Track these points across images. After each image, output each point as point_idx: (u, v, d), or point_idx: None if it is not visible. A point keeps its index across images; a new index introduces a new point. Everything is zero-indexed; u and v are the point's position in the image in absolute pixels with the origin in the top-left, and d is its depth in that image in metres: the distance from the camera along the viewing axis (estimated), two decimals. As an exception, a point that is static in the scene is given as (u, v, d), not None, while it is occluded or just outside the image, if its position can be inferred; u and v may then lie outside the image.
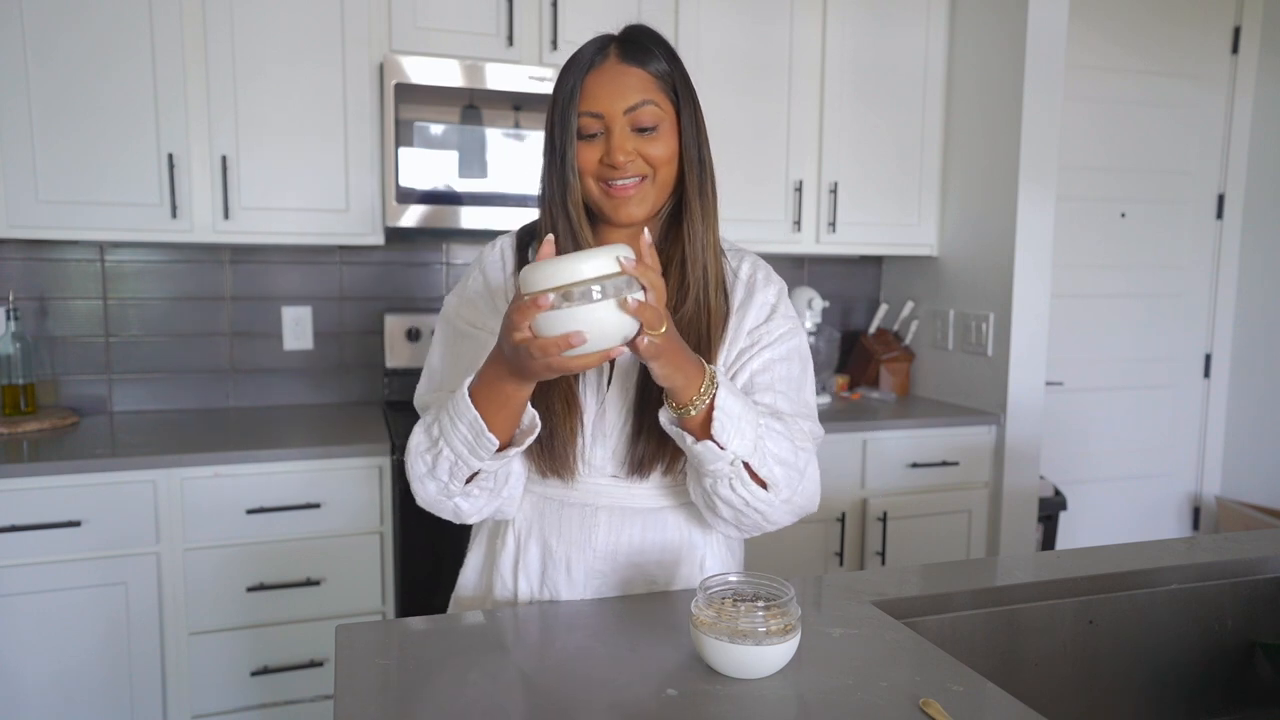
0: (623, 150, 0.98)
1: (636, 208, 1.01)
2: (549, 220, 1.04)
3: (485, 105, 2.17)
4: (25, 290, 2.28)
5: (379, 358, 2.55)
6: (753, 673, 0.85)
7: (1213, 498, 3.40)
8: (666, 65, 1.02)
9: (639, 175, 1.00)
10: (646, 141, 1.00)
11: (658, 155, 1.00)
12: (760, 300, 1.10)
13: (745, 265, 1.13)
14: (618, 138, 0.98)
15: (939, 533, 2.53)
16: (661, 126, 1.00)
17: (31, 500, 1.79)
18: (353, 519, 2.00)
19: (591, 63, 1.00)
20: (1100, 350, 3.19)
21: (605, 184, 1.01)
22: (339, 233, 2.20)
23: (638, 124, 0.99)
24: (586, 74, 1.00)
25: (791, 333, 1.10)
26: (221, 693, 1.95)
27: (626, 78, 0.99)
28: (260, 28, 2.08)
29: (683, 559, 1.11)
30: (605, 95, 0.99)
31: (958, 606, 1.10)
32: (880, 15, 2.59)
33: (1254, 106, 3.24)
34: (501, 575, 1.12)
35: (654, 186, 1.02)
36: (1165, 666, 1.20)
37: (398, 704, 0.80)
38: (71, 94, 1.97)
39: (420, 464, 0.99)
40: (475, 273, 1.13)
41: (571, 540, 1.08)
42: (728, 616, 0.85)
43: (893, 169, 2.67)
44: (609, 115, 0.99)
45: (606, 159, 0.99)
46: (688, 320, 1.04)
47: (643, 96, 0.99)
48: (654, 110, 1.00)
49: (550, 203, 1.03)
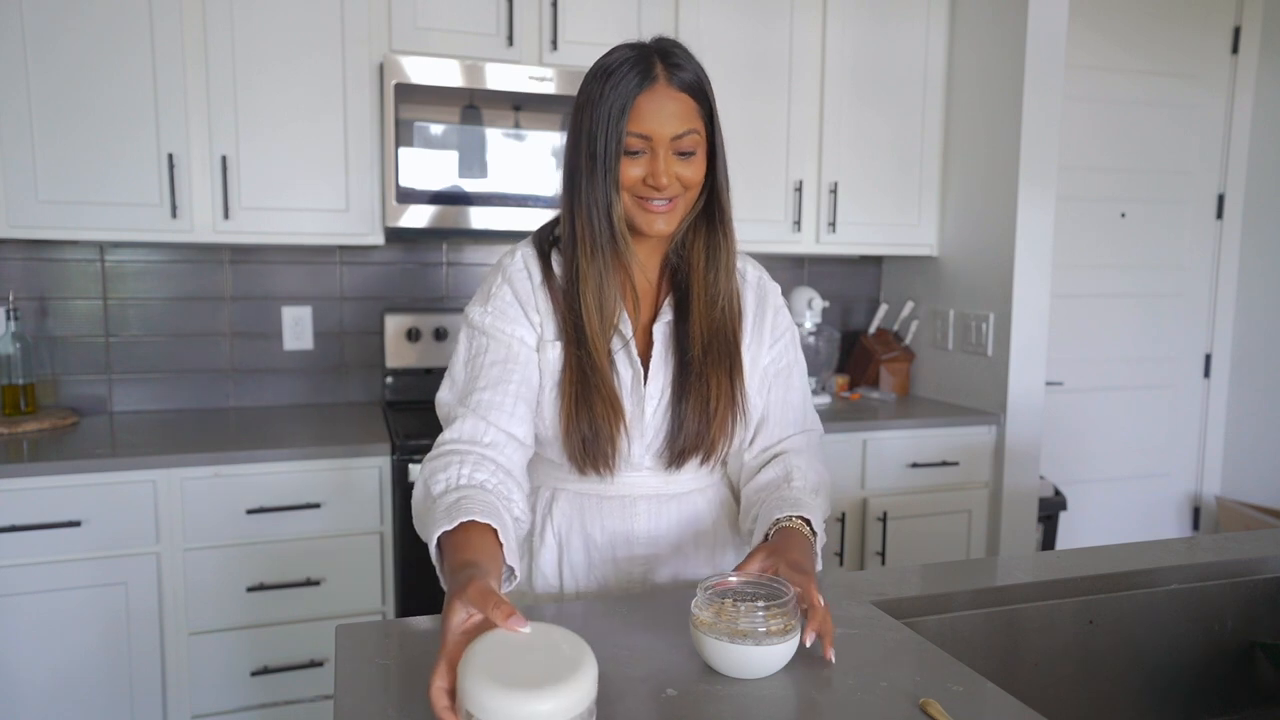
0: (667, 174, 1.04)
1: (667, 223, 1.08)
2: (589, 231, 1.06)
3: (485, 105, 2.17)
4: (25, 290, 2.28)
5: (379, 358, 2.55)
6: (752, 673, 0.85)
7: (1213, 498, 3.40)
8: (704, 87, 1.08)
9: (674, 197, 1.07)
10: (684, 165, 1.06)
11: (691, 178, 1.07)
12: (773, 303, 1.22)
13: (750, 268, 1.22)
14: (663, 161, 1.04)
15: (939, 533, 2.53)
16: (698, 151, 1.07)
17: (31, 500, 1.79)
18: (353, 519, 2.00)
19: (641, 84, 1.03)
20: (1100, 350, 3.19)
21: (642, 200, 1.06)
22: (339, 233, 2.20)
23: (679, 149, 1.05)
24: (638, 94, 1.03)
25: (795, 339, 1.24)
26: (221, 693, 1.95)
27: (675, 104, 1.04)
28: (260, 27, 2.08)
29: (718, 538, 1.20)
30: (656, 120, 1.03)
31: (958, 606, 1.10)
32: (880, 15, 2.59)
33: (1254, 106, 3.24)
34: (544, 573, 1.17)
35: (684, 204, 1.09)
36: (1165, 666, 1.20)
37: (398, 704, 0.80)
38: (71, 94, 1.97)
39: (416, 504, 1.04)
40: (501, 284, 1.13)
41: (615, 530, 1.15)
42: (727, 616, 0.85)
43: (893, 169, 2.67)
44: (656, 139, 1.04)
45: (650, 180, 1.05)
46: (718, 326, 1.13)
47: (688, 125, 1.05)
48: (694, 138, 1.06)
49: (590, 214, 1.06)
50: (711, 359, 1.11)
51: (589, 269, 1.07)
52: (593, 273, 1.07)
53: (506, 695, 0.62)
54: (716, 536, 1.20)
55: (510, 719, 0.62)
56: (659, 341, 1.14)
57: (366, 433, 2.12)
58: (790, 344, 1.22)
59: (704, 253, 1.13)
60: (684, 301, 1.14)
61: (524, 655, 0.66)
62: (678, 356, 1.12)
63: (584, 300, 1.08)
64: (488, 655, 0.66)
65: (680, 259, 1.15)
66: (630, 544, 1.15)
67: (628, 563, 1.16)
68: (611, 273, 1.08)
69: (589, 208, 1.06)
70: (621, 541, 1.15)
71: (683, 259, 1.15)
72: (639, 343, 1.14)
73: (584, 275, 1.08)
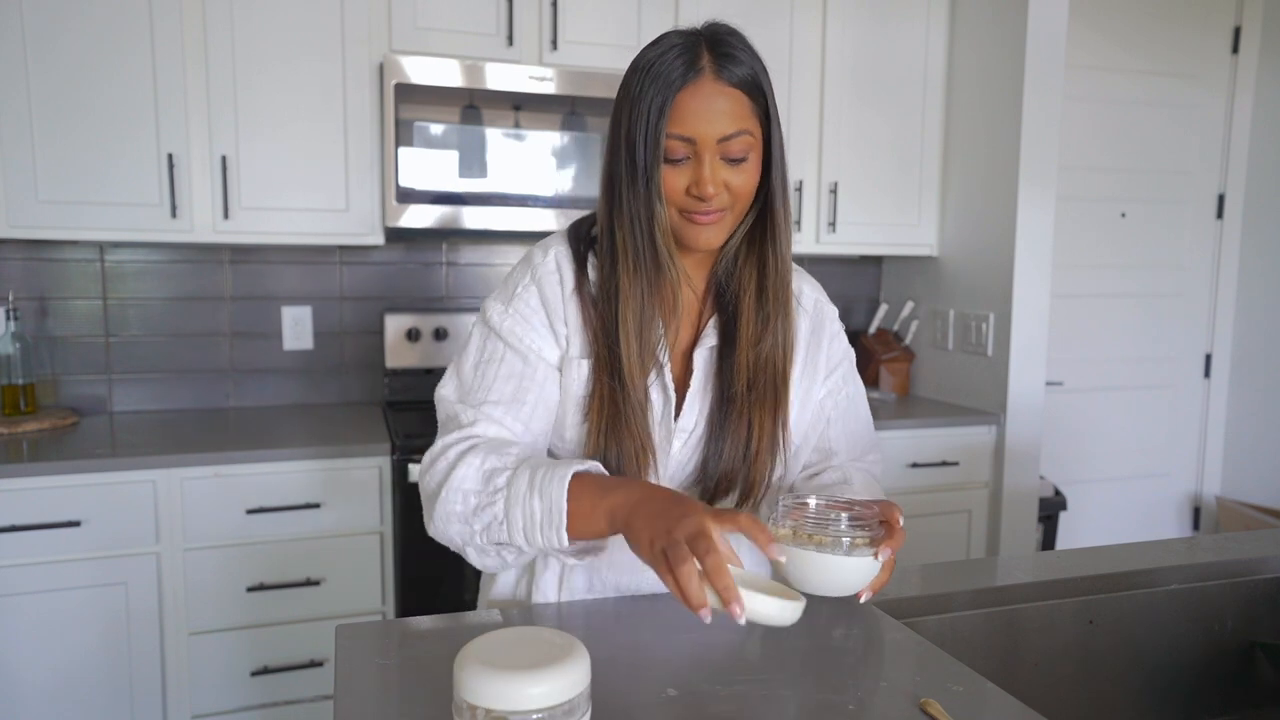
0: (714, 182, 0.92)
1: (715, 236, 0.96)
2: (632, 246, 0.95)
3: (485, 105, 2.17)
4: (25, 290, 2.28)
5: (379, 358, 2.55)
6: (832, 586, 0.83)
7: (1213, 498, 3.40)
8: (761, 82, 0.94)
9: (721, 208, 0.95)
10: (734, 172, 0.93)
11: (741, 187, 0.94)
12: (829, 330, 1.11)
13: (806, 289, 1.11)
14: (709, 168, 0.92)
15: (939, 533, 2.53)
16: (750, 156, 0.94)
17: (31, 500, 1.79)
18: (353, 519, 2.00)
19: (685, 78, 0.90)
20: (1100, 350, 3.19)
21: (687, 212, 0.95)
22: (339, 233, 2.20)
23: (728, 154, 0.92)
24: (679, 91, 0.90)
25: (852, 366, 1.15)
26: (221, 693, 1.95)
27: (722, 100, 0.91)
28: (260, 27, 2.08)
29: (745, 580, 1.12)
30: (700, 120, 0.90)
31: (958, 606, 1.10)
32: (880, 15, 2.59)
33: (1254, 106, 3.24)
34: (544, 592, 1.06)
35: (732, 216, 0.97)
36: (1165, 666, 1.19)
37: (398, 704, 0.80)
38: (71, 94, 1.97)
39: (459, 503, 0.91)
40: (529, 284, 1.01)
41: (621, 569, 1.05)
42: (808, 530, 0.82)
43: (893, 169, 2.67)
44: (701, 142, 0.91)
45: (695, 189, 0.92)
46: (766, 358, 1.01)
47: (738, 126, 0.91)
48: (747, 140, 0.93)
49: (633, 228, 0.95)
50: (756, 395, 1.00)
51: (631, 289, 0.95)
52: (634, 293, 0.95)
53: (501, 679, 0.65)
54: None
55: (505, 701, 0.65)
56: (699, 370, 1.02)
57: (366, 433, 2.12)
58: (848, 373, 1.12)
59: (755, 272, 1.00)
60: (730, 326, 1.01)
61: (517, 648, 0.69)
62: (718, 390, 1.01)
63: (623, 326, 0.96)
64: (481, 648, 0.69)
65: (729, 276, 1.02)
66: (635, 582, 1.05)
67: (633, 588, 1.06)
68: (654, 294, 0.96)
69: (631, 220, 0.94)
70: (627, 578, 1.05)
71: (731, 277, 1.02)
72: (676, 368, 1.02)
73: (625, 296, 0.95)
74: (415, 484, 2.00)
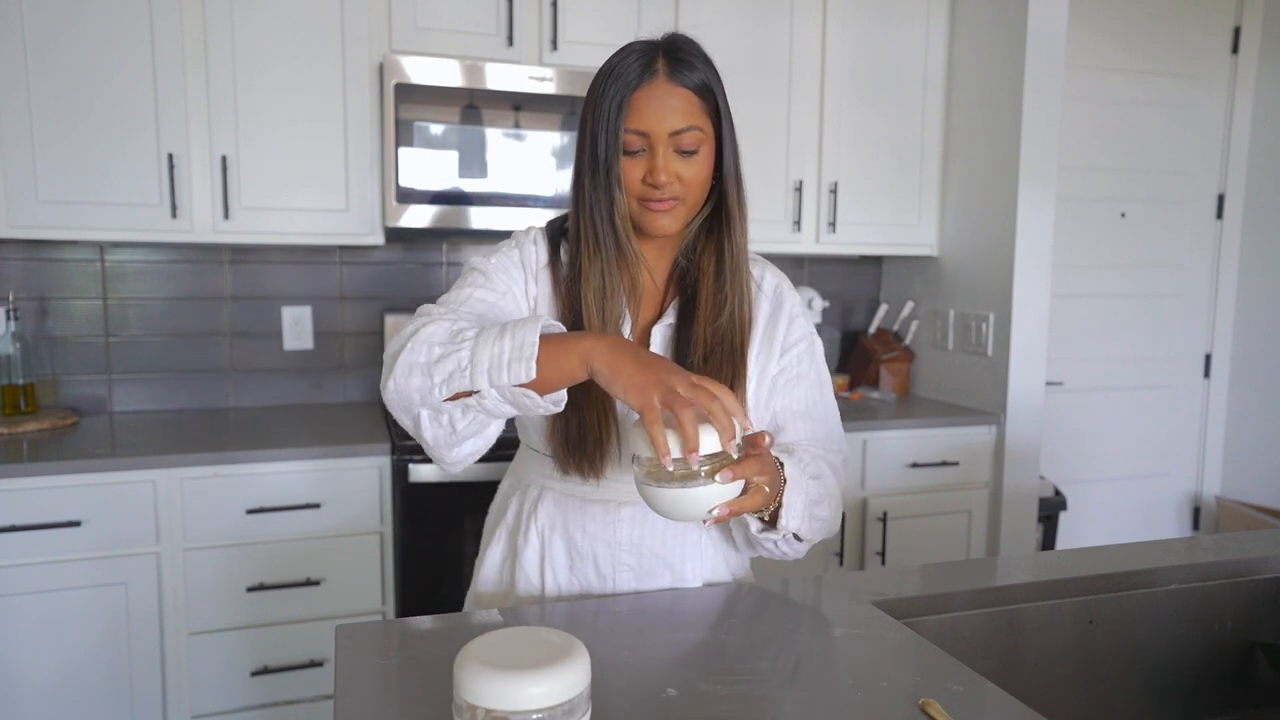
0: (665, 171, 1.01)
1: (670, 223, 1.05)
2: (592, 230, 1.05)
3: (485, 105, 2.17)
4: (25, 290, 2.28)
5: (379, 358, 2.55)
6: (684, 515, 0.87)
7: (1213, 498, 3.40)
8: (710, 83, 1.04)
9: (674, 197, 1.04)
10: (685, 164, 1.03)
11: (693, 178, 1.04)
12: (788, 312, 1.17)
13: (768, 275, 1.19)
14: (662, 159, 1.01)
15: (939, 533, 2.53)
16: (701, 149, 1.04)
17: (31, 500, 1.79)
18: (353, 519, 2.00)
19: (640, 79, 1.01)
20: (1100, 350, 3.19)
21: (644, 200, 1.04)
22: (339, 233, 2.20)
23: (680, 147, 1.02)
24: (635, 90, 1.01)
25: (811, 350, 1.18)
26: (221, 693, 1.95)
27: (674, 98, 1.01)
28: (260, 27, 2.08)
29: (705, 549, 1.15)
30: (652, 115, 1.01)
31: (958, 606, 1.10)
32: (880, 15, 2.59)
33: (1254, 106, 3.24)
34: (525, 572, 1.14)
35: (685, 205, 1.05)
36: (1165, 666, 1.20)
37: (398, 704, 0.80)
38: (71, 94, 1.97)
39: (423, 353, 0.91)
40: (512, 247, 1.12)
41: (596, 535, 1.12)
42: None
43: (893, 169, 2.67)
44: (654, 135, 1.01)
45: (649, 178, 1.02)
46: (723, 334, 1.09)
47: (688, 121, 1.02)
48: (696, 135, 1.02)
49: (594, 214, 1.05)
50: (712, 367, 1.08)
51: (591, 267, 1.06)
52: (595, 271, 1.06)
53: (501, 679, 0.65)
54: (710, 550, 1.15)
55: (505, 701, 0.65)
56: (657, 345, 1.11)
57: (366, 433, 2.12)
58: (805, 354, 1.17)
59: (714, 259, 1.09)
60: (689, 306, 1.10)
61: (516, 648, 0.69)
62: (677, 362, 1.08)
63: (585, 299, 1.06)
64: (481, 648, 0.69)
65: (690, 262, 1.12)
66: (613, 550, 1.12)
67: (610, 568, 1.12)
68: (615, 273, 1.06)
69: (593, 207, 1.04)
70: (604, 547, 1.12)
71: (692, 263, 1.12)
72: None
73: (586, 274, 1.06)
74: (416, 484, 2.01)
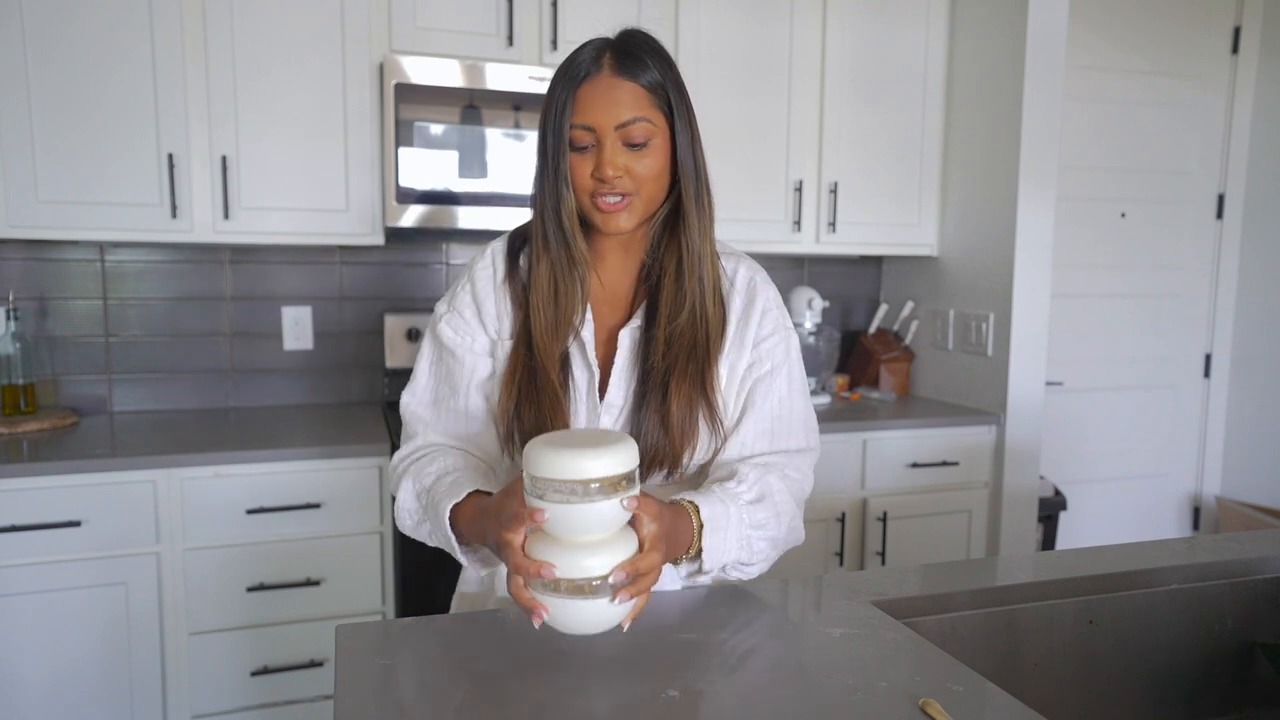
0: (612, 165, 0.99)
1: (624, 221, 1.03)
2: (541, 228, 1.04)
3: (485, 105, 2.17)
4: (25, 290, 2.28)
5: (379, 358, 2.55)
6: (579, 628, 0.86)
7: (1213, 498, 3.40)
8: (660, 77, 1.02)
9: (624, 193, 1.01)
10: (636, 157, 1.00)
11: (644, 173, 1.01)
12: (760, 306, 1.12)
13: (742, 270, 1.14)
14: (608, 152, 0.99)
15: (939, 533, 2.53)
16: (652, 142, 1.01)
17: (31, 500, 1.79)
18: (353, 519, 2.00)
19: (586, 74, 1.00)
20: (1100, 350, 3.19)
21: (594, 197, 1.01)
22: (339, 233, 2.20)
23: (628, 140, 1.00)
24: (580, 85, 1.00)
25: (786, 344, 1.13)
26: (221, 693, 1.95)
27: (619, 91, 0.99)
28: (260, 28, 2.08)
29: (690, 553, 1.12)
30: (597, 109, 0.99)
31: (958, 606, 1.10)
32: (880, 15, 2.59)
33: (1254, 106, 3.24)
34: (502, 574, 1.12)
35: (640, 201, 1.03)
36: (1165, 666, 1.19)
37: (398, 704, 0.80)
38: (71, 94, 1.97)
39: (408, 519, 1.07)
40: (465, 284, 1.13)
41: None
42: None
43: (893, 169, 2.67)
44: (600, 129, 0.99)
45: (596, 172, 1.00)
46: (682, 331, 1.06)
47: (635, 113, 0.99)
48: (645, 127, 1.00)
49: (543, 211, 1.04)
50: (677, 369, 1.04)
51: (540, 265, 1.05)
52: (543, 271, 1.05)
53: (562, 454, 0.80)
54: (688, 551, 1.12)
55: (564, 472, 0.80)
56: (624, 349, 1.08)
57: (366, 433, 2.12)
58: (776, 347, 1.11)
59: (675, 256, 1.07)
60: (653, 307, 1.08)
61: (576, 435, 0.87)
62: (643, 365, 1.06)
63: (533, 304, 1.05)
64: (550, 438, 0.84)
65: (654, 262, 1.09)
66: None
67: None
68: (567, 272, 1.04)
69: (543, 206, 1.03)
70: None
71: (656, 262, 1.09)
72: (606, 349, 1.09)
73: (537, 273, 1.05)
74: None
